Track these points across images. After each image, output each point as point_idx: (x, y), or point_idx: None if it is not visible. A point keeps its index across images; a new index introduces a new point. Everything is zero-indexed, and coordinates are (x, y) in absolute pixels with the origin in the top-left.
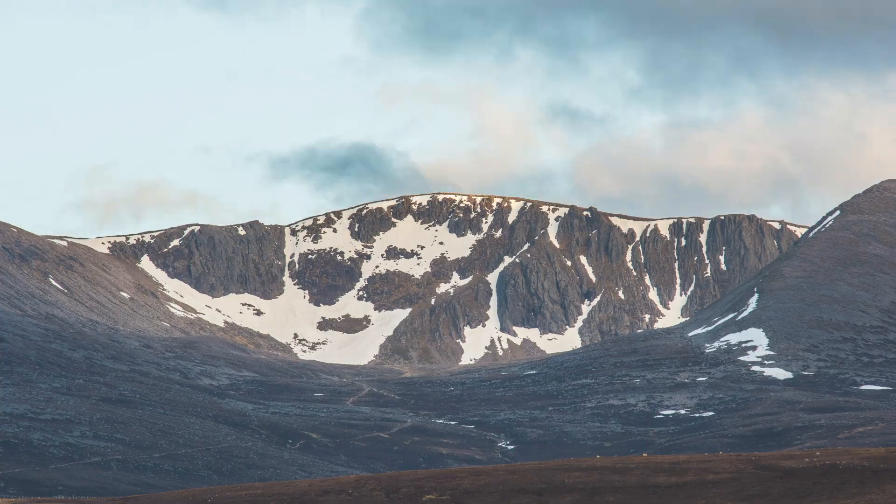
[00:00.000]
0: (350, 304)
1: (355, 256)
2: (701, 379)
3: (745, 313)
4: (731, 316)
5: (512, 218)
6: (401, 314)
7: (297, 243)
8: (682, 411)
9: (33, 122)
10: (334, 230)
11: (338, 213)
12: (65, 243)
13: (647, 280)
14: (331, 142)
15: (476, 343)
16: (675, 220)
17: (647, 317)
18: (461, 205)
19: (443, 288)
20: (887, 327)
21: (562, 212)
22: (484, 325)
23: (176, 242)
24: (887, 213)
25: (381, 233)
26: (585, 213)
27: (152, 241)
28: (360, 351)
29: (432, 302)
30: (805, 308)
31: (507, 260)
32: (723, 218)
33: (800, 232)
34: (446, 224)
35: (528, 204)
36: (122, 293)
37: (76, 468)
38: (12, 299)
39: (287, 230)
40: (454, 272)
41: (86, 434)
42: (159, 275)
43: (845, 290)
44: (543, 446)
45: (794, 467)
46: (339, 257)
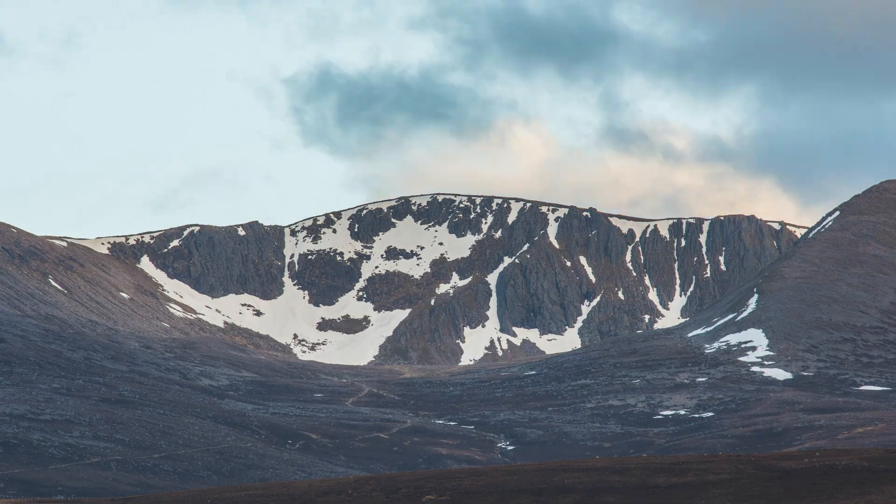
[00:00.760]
0: (350, 304)
1: (355, 257)
2: (700, 379)
3: (744, 314)
4: (730, 316)
5: (512, 218)
6: (400, 315)
7: (296, 244)
8: (682, 412)
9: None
10: (334, 231)
11: (337, 214)
12: (64, 244)
13: (647, 280)
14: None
15: (476, 343)
16: (675, 221)
17: (647, 317)
18: (461, 205)
19: (442, 288)
20: (887, 328)
21: (561, 212)
22: (483, 326)
23: (175, 243)
24: (887, 213)
25: (380, 233)
26: (585, 213)
27: (152, 241)
28: (359, 351)
29: (432, 302)
30: (805, 309)
31: (507, 260)
32: (722, 218)
33: (799, 232)
34: (446, 224)
35: (528, 204)
36: (121, 294)
37: (76, 469)
38: (12, 300)
39: (287, 231)
40: (454, 273)
41: (85, 434)
42: (159, 275)
43: (845, 290)
44: (543, 447)
45: (794, 468)
46: (338, 258)
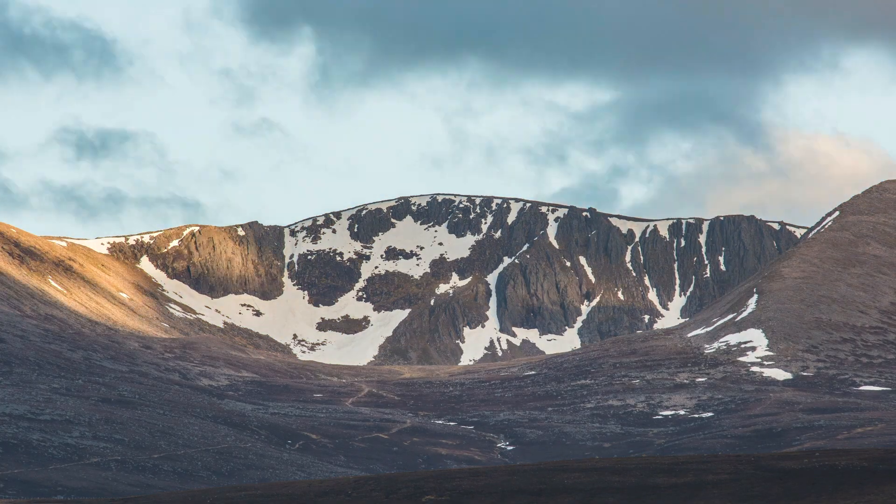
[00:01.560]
0: (349, 304)
1: (354, 257)
2: (700, 380)
3: (744, 314)
4: (730, 317)
5: (511, 218)
6: (400, 315)
7: (296, 244)
8: (682, 412)
9: None
10: (333, 231)
11: (337, 214)
12: (64, 244)
13: (647, 281)
14: None
15: (475, 344)
16: (675, 221)
17: (647, 317)
18: (460, 205)
19: (442, 289)
20: (886, 328)
21: (561, 212)
22: (483, 326)
23: (175, 243)
24: (886, 213)
25: (380, 233)
26: (585, 213)
27: (151, 241)
28: (359, 352)
29: (431, 303)
30: (804, 309)
31: (507, 261)
32: (722, 219)
33: (799, 233)
34: (445, 225)
35: (528, 204)
36: (121, 294)
37: (75, 469)
38: (11, 300)
39: (286, 231)
40: (453, 273)
41: (85, 435)
42: (158, 275)
43: (844, 290)
44: (543, 447)
45: (794, 468)
46: (338, 258)
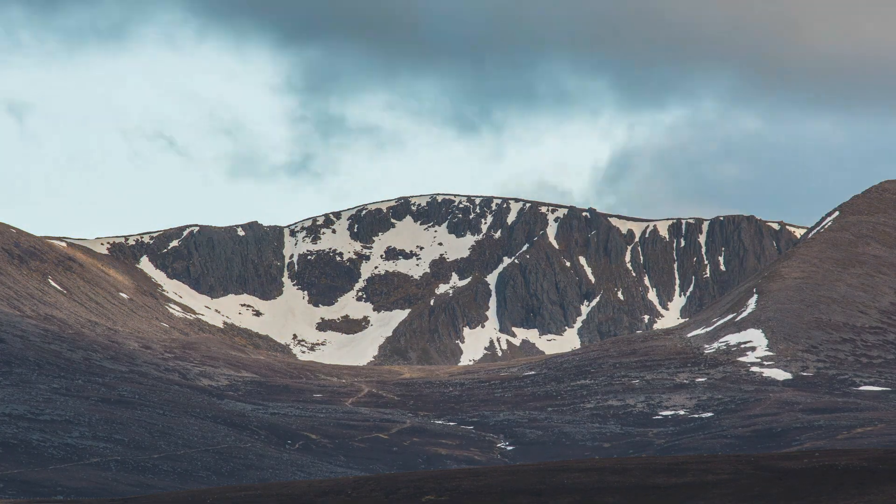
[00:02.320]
0: (349, 304)
1: (354, 257)
2: (700, 380)
3: (744, 314)
4: (730, 317)
5: (511, 219)
6: (400, 315)
7: (296, 244)
8: (682, 412)
9: None
10: (333, 231)
11: (337, 214)
12: (63, 244)
13: (647, 281)
14: None
15: (475, 344)
16: (675, 221)
17: (647, 317)
18: (460, 206)
19: (442, 289)
20: (886, 328)
21: (561, 212)
22: (483, 326)
23: (175, 243)
24: (886, 213)
25: (380, 233)
26: (584, 213)
27: (151, 241)
28: (359, 352)
29: (431, 303)
30: (804, 309)
31: (507, 261)
32: (722, 219)
33: (799, 233)
34: (445, 225)
35: (528, 205)
36: (121, 294)
37: (75, 469)
38: (11, 300)
39: (286, 231)
40: (453, 273)
41: (85, 435)
42: (158, 276)
43: (844, 290)
44: (542, 447)
45: (793, 468)
46: (338, 258)
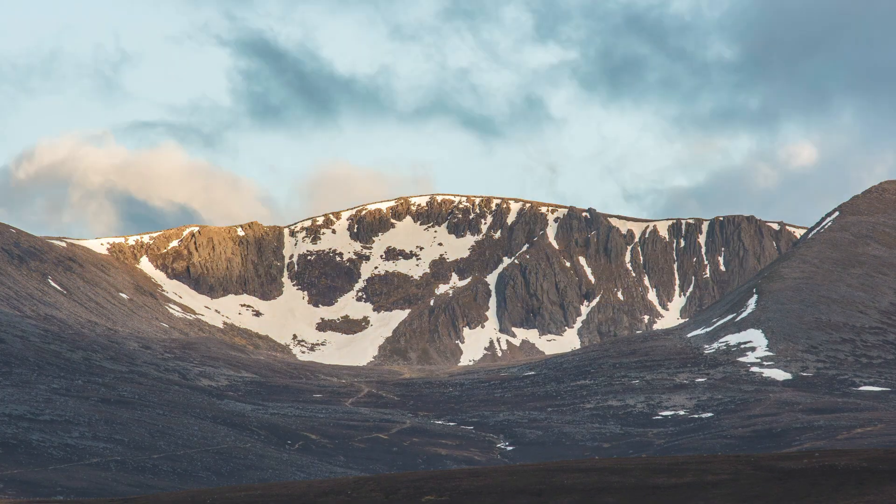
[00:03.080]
0: (349, 305)
1: (354, 257)
2: (700, 380)
3: (744, 314)
4: (730, 317)
5: (511, 219)
6: (400, 315)
7: (295, 244)
8: (681, 412)
9: None
10: (333, 231)
11: (336, 215)
12: (63, 244)
13: (646, 281)
14: None
15: (475, 344)
16: (674, 221)
17: (646, 318)
18: (460, 206)
19: (442, 289)
20: (886, 328)
21: (561, 213)
22: (483, 327)
23: (175, 243)
24: (886, 214)
25: (379, 234)
26: (584, 214)
27: (151, 242)
28: (359, 352)
29: (431, 303)
30: (804, 309)
31: (506, 261)
32: (722, 219)
33: (799, 233)
34: (445, 225)
35: (527, 205)
36: (120, 294)
37: (75, 469)
38: (11, 300)
39: (286, 231)
40: (453, 273)
41: (84, 435)
42: (158, 276)
43: (844, 291)
44: (542, 447)
45: (793, 468)
46: (337, 258)
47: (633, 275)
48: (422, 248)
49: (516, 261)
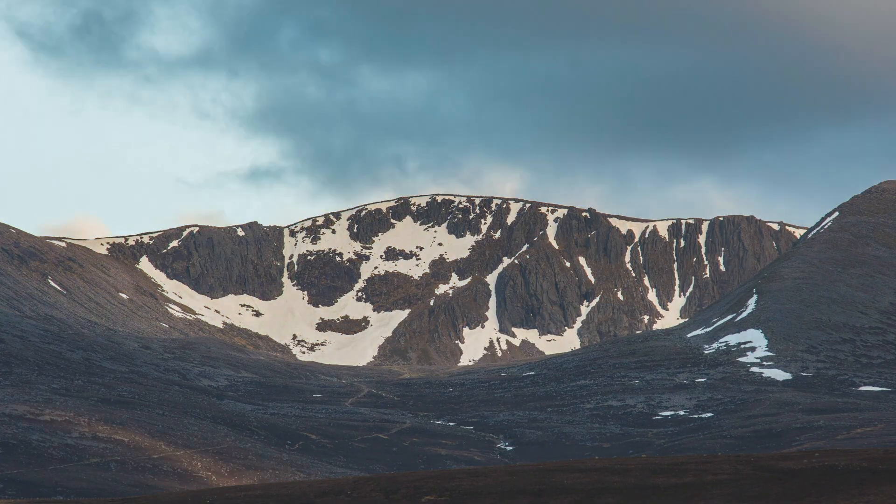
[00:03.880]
0: (349, 305)
1: (354, 257)
2: (700, 380)
3: (743, 314)
4: (729, 317)
5: (511, 219)
6: (400, 315)
7: (295, 244)
8: (681, 412)
9: None
10: (333, 231)
11: (336, 215)
12: (63, 244)
13: (646, 281)
14: None
15: (475, 344)
16: (674, 221)
17: (646, 318)
18: (460, 206)
19: (442, 289)
20: (886, 328)
21: (560, 213)
22: (483, 327)
23: (175, 244)
24: (886, 214)
25: (379, 234)
26: (584, 214)
27: (151, 242)
28: (358, 352)
29: (431, 303)
30: (804, 309)
31: (506, 261)
32: (721, 219)
33: (799, 233)
34: (445, 225)
35: (527, 205)
36: (120, 294)
37: (75, 469)
38: (11, 300)
39: (286, 231)
40: (453, 273)
41: (85, 435)
42: (158, 276)
43: (844, 291)
44: (542, 447)
45: (793, 468)
46: (337, 258)
47: (633, 275)
48: (422, 249)
49: (516, 261)
